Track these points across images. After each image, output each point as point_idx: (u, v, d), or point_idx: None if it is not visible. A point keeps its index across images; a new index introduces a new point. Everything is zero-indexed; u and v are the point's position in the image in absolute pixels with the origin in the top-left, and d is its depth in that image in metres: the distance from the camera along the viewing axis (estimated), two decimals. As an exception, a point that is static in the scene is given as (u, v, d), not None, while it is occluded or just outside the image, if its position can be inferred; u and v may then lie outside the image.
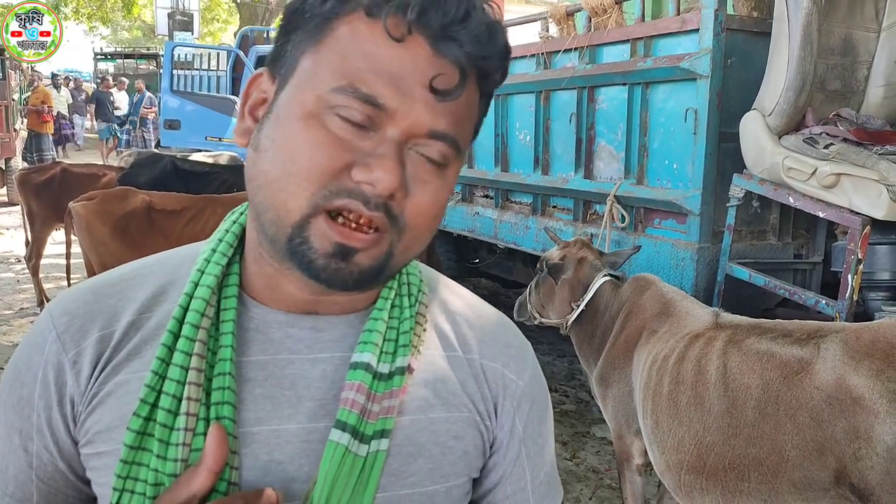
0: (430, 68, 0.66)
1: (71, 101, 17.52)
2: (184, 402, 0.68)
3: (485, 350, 0.82)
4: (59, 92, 17.22)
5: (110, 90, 16.49)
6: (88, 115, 17.14)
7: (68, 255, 4.87)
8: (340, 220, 0.67)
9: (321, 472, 0.69)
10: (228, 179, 5.73)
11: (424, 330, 0.79)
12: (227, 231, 0.78)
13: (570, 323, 3.06)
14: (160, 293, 0.76)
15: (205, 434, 0.68)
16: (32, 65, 20.11)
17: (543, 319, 3.22)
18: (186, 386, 0.68)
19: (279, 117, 0.68)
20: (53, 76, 20.16)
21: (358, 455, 0.70)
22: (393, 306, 0.77)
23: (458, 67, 0.67)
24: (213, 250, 0.76)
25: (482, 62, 0.68)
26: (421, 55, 0.66)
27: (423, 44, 0.66)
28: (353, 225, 0.67)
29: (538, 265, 3.26)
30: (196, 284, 0.73)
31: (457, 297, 0.86)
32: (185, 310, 0.72)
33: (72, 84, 19.58)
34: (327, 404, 0.72)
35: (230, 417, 0.69)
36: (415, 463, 0.74)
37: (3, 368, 4.83)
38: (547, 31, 4.34)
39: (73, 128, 16.98)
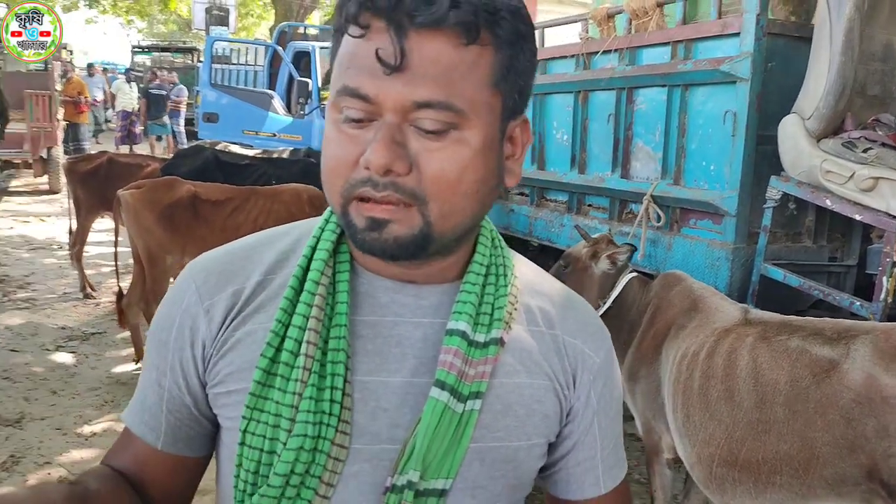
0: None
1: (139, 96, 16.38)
2: (304, 345, 0.78)
3: (566, 327, 0.90)
4: (129, 87, 16.56)
5: (161, 83, 15.91)
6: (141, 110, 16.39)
7: (116, 243, 5.02)
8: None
9: (423, 424, 0.78)
10: (267, 171, 5.87)
11: (516, 309, 0.87)
12: None
13: None
14: (284, 259, 0.86)
15: (319, 374, 0.78)
16: (71, 59, 20.41)
17: None
18: (307, 331, 0.79)
19: (325, 123, 0.80)
20: (127, 71, 20.02)
21: (455, 412, 0.79)
22: (487, 284, 0.86)
23: (395, 31, 0.71)
24: (327, 220, 0.87)
25: (430, 14, 0.71)
26: (384, 39, 0.72)
27: (384, 28, 0.72)
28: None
29: (561, 260, 3.30)
30: (313, 249, 0.84)
31: (542, 278, 0.95)
32: (305, 270, 0.82)
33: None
34: (427, 363, 0.81)
35: (344, 363, 0.79)
36: (503, 420, 0.83)
37: (49, 349, 5.01)
38: (587, 32, 4.39)
39: (137, 125, 16.16)
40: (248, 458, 0.78)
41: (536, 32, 5.07)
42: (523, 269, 0.94)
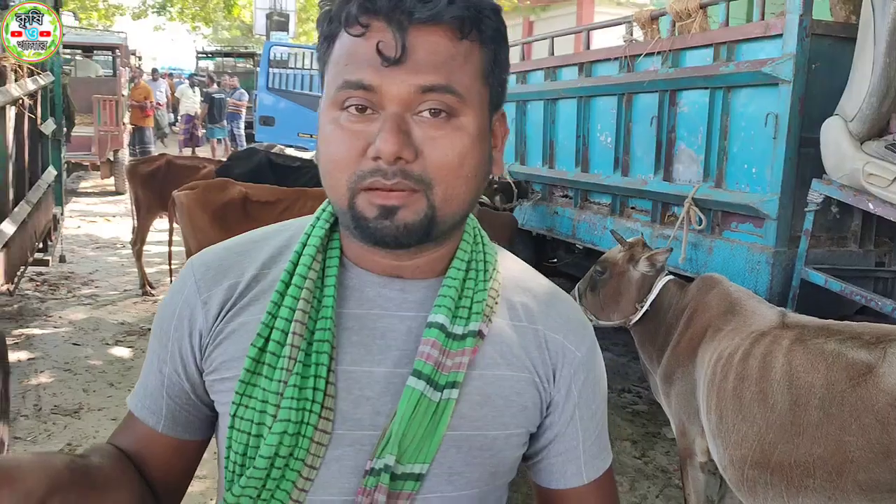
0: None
1: (201, 100, 16.63)
2: (290, 336, 0.84)
3: (549, 322, 0.93)
4: (193, 92, 16.87)
5: (223, 87, 16.21)
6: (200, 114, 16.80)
7: (170, 242, 5.20)
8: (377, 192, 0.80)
9: (399, 411, 0.83)
10: (318, 173, 5.99)
11: (496, 302, 0.91)
12: (329, 202, 0.92)
13: (632, 322, 3.11)
14: (278, 254, 0.92)
15: (304, 363, 0.83)
16: (140, 63, 21.06)
17: (601, 322, 3.22)
18: (293, 323, 0.84)
19: (320, 126, 0.85)
20: (191, 76, 20.54)
21: (431, 400, 0.83)
22: (468, 278, 0.90)
23: (396, 28, 0.76)
24: (318, 217, 0.92)
25: (428, 11, 0.76)
26: (385, 35, 0.77)
27: (383, 27, 0.78)
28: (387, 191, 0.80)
29: (597, 265, 3.30)
30: (304, 245, 0.89)
31: (528, 275, 0.99)
32: (295, 265, 0.88)
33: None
34: (410, 354, 0.86)
35: (328, 353, 0.84)
36: (481, 410, 0.87)
37: (108, 344, 5.21)
38: (631, 34, 4.38)
39: (199, 129, 16.42)
40: (237, 441, 0.84)
41: (582, 35, 5.09)
42: (509, 266, 0.97)
